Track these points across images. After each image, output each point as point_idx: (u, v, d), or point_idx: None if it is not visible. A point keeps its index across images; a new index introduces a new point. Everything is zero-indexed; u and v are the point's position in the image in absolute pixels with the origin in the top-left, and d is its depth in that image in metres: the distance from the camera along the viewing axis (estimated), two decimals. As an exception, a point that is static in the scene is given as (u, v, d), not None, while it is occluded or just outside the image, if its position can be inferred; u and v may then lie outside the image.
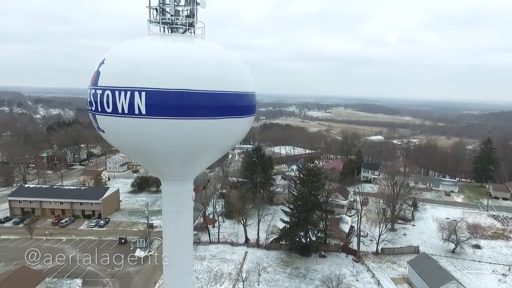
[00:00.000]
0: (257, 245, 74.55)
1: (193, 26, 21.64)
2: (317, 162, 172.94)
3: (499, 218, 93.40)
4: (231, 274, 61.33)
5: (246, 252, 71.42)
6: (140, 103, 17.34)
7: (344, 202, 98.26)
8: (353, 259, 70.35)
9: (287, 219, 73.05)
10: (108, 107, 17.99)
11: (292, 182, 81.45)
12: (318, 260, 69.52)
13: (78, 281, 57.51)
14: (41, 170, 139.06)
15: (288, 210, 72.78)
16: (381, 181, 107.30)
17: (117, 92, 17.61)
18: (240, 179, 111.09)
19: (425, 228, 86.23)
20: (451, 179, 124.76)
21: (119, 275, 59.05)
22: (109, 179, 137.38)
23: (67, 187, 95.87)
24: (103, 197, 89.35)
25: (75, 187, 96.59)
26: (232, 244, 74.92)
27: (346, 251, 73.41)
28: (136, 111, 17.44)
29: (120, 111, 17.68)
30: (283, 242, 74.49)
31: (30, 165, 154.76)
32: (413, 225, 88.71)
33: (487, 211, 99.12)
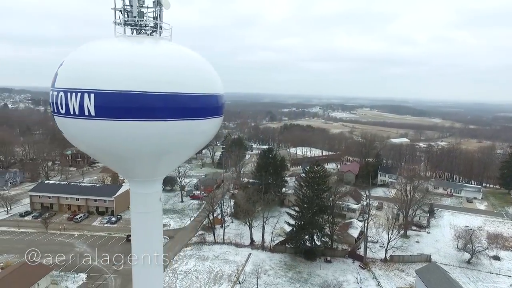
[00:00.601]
0: (262, 247, 73.91)
1: (160, 28, 21.64)
2: (335, 164, 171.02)
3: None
4: (231, 275, 61.13)
5: (250, 254, 70.97)
6: (90, 104, 17.40)
7: (356, 206, 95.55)
8: (359, 266, 68.20)
9: (292, 222, 71.79)
10: (62, 108, 18.24)
11: (298, 184, 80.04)
12: (323, 265, 67.95)
13: (83, 276, 59.41)
14: (64, 167, 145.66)
15: (293, 213, 71.57)
16: (395, 185, 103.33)
17: (69, 94, 17.82)
18: (251, 180, 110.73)
19: (441, 236, 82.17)
20: (474, 185, 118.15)
21: (121, 271, 60.35)
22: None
23: (83, 184, 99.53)
24: (116, 194, 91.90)
25: (90, 184, 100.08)
26: (237, 245, 74.73)
27: (353, 257, 71.28)
28: (86, 113, 17.53)
29: (71, 112, 17.87)
30: (289, 245, 73.36)
31: (56, 162, 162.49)
32: (428, 233, 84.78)
33: (511, 220, 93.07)
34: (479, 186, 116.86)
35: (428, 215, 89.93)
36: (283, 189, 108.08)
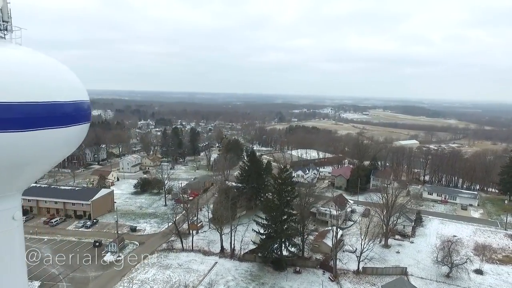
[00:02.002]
0: (231, 255, 71.21)
1: (6, 29, 19.50)
2: (334, 167, 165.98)
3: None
4: (188, 286, 58.66)
5: (216, 262, 68.42)
6: None
7: (339, 213, 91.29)
8: (329, 278, 64.60)
9: (259, 230, 68.80)
10: None
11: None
12: (291, 276, 64.68)
13: (36, 284, 58.14)
14: (54, 168, 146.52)
15: (260, 220, 68.49)
16: (380, 191, 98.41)
17: None
18: (234, 184, 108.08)
19: (424, 246, 77.37)
20: (470, 191, 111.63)
21: (77, 279, 58.95)
22: (118, 179, 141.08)
23: (62, 187, 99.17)
24: (93, 198, 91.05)
25: (70, 188, 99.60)
26: (205, 253, 72.28)
27: (325, 268, 67.64)
28: None
29: None
30: (259, 254, 70.35)
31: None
32: (411, 242, 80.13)
33: (505, 229, 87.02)
34: (475, 193, 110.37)
35: (412, 223, 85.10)
36: (267, 194, 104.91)
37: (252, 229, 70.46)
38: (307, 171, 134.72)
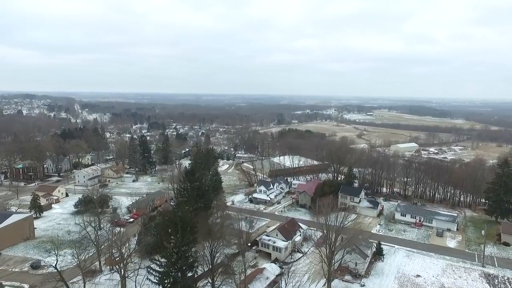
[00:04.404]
0: (129, 306, 57.57)
1: None
2: (310, 178, 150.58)
3: (496, 282, 65.29)
4: None
5: (103, 318, 54.79)
6: None
7: (283, 244, 76.80)
8: None
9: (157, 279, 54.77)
10: None
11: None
12: (190, 339, 50.69)
13: None
14: (14, 181, 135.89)
15: (156, 267, 54.31)
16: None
17: None
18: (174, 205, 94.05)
19: (376, 292, 62.24)
20: (449, 213, 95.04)
21: None
22: (66, 195, 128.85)
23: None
24: (-2, 226, 78.57)
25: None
26: (97, 303, 58.78)
27: (238, 326, 53.50)
28: None
29: None
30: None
31: (7, 176, 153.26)
32: (362, 285, 64.95)
33: (482, 266, 71.00)
34: (455, 215, 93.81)
35: (367, 258, 69.91)
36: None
37: (147, 278, 56.28)
38: (271, 186, 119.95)
